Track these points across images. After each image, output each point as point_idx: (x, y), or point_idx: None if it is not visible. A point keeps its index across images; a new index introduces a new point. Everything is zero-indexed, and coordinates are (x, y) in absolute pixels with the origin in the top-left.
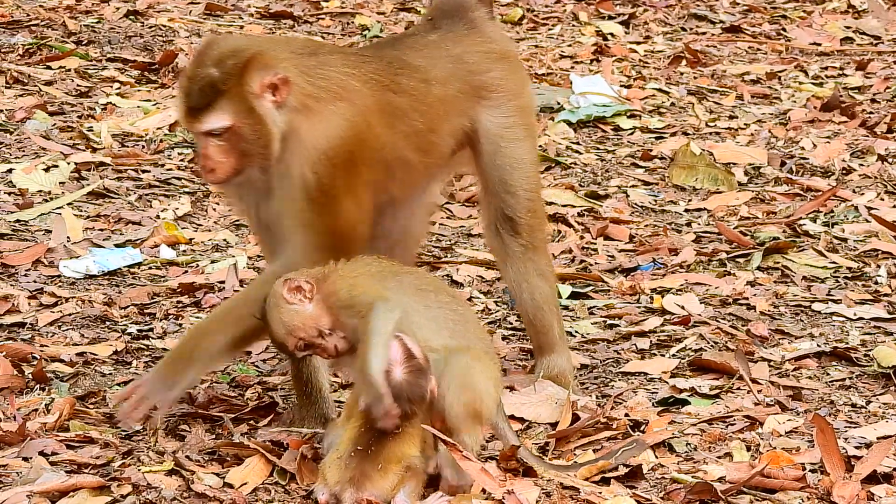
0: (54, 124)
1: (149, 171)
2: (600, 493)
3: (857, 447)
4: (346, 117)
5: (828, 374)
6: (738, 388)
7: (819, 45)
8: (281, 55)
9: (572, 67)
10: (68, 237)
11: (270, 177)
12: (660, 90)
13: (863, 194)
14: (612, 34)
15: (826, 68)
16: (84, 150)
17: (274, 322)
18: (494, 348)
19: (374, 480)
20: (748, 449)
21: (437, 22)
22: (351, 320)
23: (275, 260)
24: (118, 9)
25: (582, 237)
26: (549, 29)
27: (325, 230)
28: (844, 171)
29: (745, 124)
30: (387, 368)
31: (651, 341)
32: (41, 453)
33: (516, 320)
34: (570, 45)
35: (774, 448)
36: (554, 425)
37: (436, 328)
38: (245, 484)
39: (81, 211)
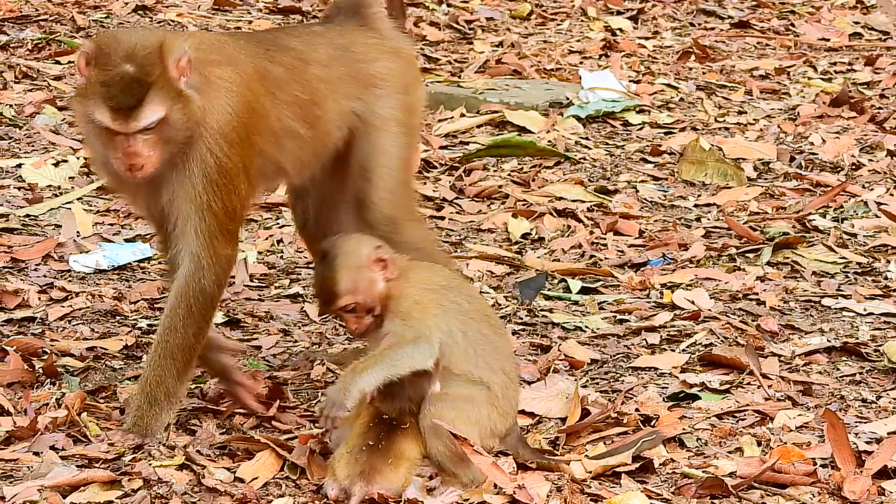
0: (63, 119)
1: None
2: (611, 487)
3: (867, 442)
4: (233, 89)
5: (838, 370)
6: (749, 384)
7: (828, 40)
8: (176, 37)
9: (581, 63)
10: (78, 232)
11: (174, 163)
12: (669, 85)
13: (872, 189)
14: (620, 29)
15: (835, 64)
16: None
17: (344, 275)
18: (519, 380)
19: (385, 474)
20: (759, 444)
21: (332, 19)
22: (391, 327)
23: (170, 249)
24: (127, 3)
25: (591, 232)
26: (558, 24)
27: (222, 212)
28: (854, 167)
29: (754, 120)
30: None
31: (661, 336)
32: (52, 448)
33: (526, 315)
34: (578, 41)
35: (785, 443)
36: (564, 420)
37: (463, 356)
38: (256, 478)
39: (91, 206)
